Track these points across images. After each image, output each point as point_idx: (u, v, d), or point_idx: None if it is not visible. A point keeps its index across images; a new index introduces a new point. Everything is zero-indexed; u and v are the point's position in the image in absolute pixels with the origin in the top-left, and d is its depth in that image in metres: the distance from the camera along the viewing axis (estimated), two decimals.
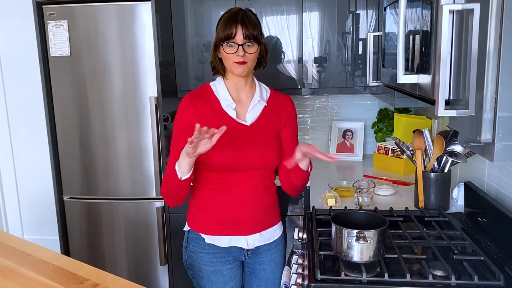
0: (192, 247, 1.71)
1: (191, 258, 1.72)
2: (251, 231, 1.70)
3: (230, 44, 1.59)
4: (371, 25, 2.22)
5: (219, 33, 1.60)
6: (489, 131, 0.88)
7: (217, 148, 1.51)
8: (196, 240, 1.70)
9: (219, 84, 1.68)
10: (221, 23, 1.61)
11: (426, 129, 1.86)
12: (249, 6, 2.67)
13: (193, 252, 1.70)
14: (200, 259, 1.69)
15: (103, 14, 2.52)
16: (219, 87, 1.67)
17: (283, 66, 2.73)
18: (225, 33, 1.58)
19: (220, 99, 1.65)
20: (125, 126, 2.61)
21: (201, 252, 1.69)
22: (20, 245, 1.51)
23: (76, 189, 2.73)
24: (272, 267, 1.78)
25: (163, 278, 2.76)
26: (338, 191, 2.12)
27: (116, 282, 1.26)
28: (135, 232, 2.71)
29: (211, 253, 1.68)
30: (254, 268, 1.78)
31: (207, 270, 1.69)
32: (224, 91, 1.66)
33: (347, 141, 2.99)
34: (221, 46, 1.60)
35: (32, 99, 3.07)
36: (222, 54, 1.62)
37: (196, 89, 1.72)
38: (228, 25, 1.58)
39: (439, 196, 1.85)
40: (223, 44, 1.59)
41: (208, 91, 1.68)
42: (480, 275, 1.29)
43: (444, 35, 0.91)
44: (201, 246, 1.69)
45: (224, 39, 1.58)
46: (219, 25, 1.62)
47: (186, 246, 1.74)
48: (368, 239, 1.33)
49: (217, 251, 1.68)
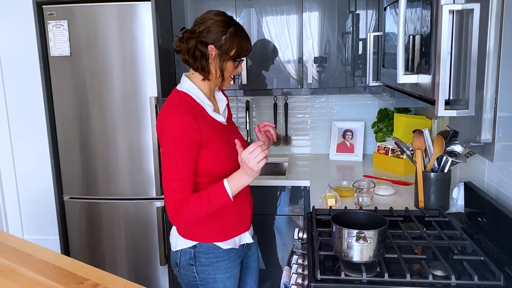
0: (205, 260, 1.62)
1: (204, 272, 1.62)
2: (250, 224, 1.74)
3: (241, 60, 1.61)
4: (371, 25, 2.22)
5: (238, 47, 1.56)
6: (489, 131, 0.88)
7: (223, 155, 1.55)
8: (209, 251, 1.61)
9: (194, 89, 1.60)
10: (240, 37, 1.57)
11: (426, 129, 1.86)
12: (249, 6, 2.68)
13: (207, 265, 1.62)
14: (217, 269, 1.62)
15: (103, 14, 2.52)
16: (197, 93, 1.59)
17: (283, 66, 2.73)
18: (245, 50, 1.59)
19: (204, 105, 1.59)
20: (125, 126, 2.61)
21: (217, 262, 1.62)
22: (20, 245, 1.51)
23: (76, 189, 2.73)
24: (257, 256, 1.86)
25: (163, 278, 2.76)
26: (338, 191, 2.12)
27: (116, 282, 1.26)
28: (135, 232, 2.71)
29: (226, 259, 1.64)
30: (247, 262, 1.80)
31: (223, 278, 1.64)
32: (202, 96, 1.60)
33: (347, 141, 2.99)
34: (236, 61, 1.59)
35: (32, 99, 3.08)
36: (229, 67, 1.58)
37: (175, 98, 1.58)
38: (248, 43, 1.60)
39: (439, 196, 1.85)
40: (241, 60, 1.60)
41: (189, 98, 1.58)
42: (480, 275, 1.30)
43: (444, 35, 0.91)
44: (216, 256, 1.62)
45: (241, 55, 1.59)
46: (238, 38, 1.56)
47: (194, 262, 1.62)
48: (368, 239, 1.33)
49: (230, 255, 1.65)
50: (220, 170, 1.57)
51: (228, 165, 1.58)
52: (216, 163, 1.56)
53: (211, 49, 1.55)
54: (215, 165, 1.56)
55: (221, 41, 1.54)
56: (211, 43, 1.54)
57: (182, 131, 1.48)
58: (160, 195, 2.64)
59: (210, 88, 1.64)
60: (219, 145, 1.56)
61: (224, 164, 1.57)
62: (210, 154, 1.54)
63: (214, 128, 1.58)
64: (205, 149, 1.53)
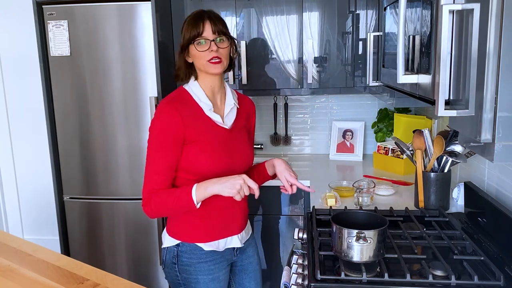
0: (186, 259, 1.60)
1: (185, 272, 1.61)
2: (241, 228, 1.70)
3: (200, 42, 1.54)
4: (371, 25, 2.22)
5: (186, 34, 1.56)
6: (489, 131, 0.88)
7: (208, 155, 1.53)
8: (191, 251, 1.60)
9: (195, 87, 1.60)
10: (186, 24, 1.57)
11: (426, 129, 1.86)
12: (249, 6, 2.68)
13: (188, 265, 1.60)
14: (198, 270, 1.60)
15: (103, 14, 2.52)
16: (196, 91, 1.59)
17: (283, 66, 2.73)
18: (193, 32, 1.54)
19: (200, 104, 1.57)
20: (125, 126, 2.61)
21: (198, 263, 1.60)
22: (20, 245, 1.51)
23: (76, 189, 2.73)
24: (256, 259, 1.81)
25: (163, 278, 2.75)
26: (338, 191, 2.12)
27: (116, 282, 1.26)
28: (135, 232, 2.71)
29: (208, 261, 1.61)
30: (243, 265, 1.76)
31: (205, 280, 1.61)
32: (202, 94, 1.58)
33: (347, 141, 2.99)
34: (192, 46, 1.55)
35: (32, 99, 3.07)
36: (193, 54, 1.56)
37: (173, 94, 1.61)
38: (195, 24, 1.55)
39: (439, 196, 1.85)
40: (194, 42, 1.54)
41: (186, 95, 1.59)
42: (480, 275, 1.29)
43: (444, 35, 0.91)
44: (198, 257, 1.60)
45: (193, 38, 1.54)
46: (184, 27, 1.57)
47: (177, 261, 1.61)
48: (368, 239, 1.33)
49: (214, 257, 1.62)
50: (203, 169, 1.54)
51: (213, 166, 1.55)
52: (199, 161, 1.54)
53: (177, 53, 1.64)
54: (198, 163, 1.54)
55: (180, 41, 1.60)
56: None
57: (163, 125, 1.51)
58: None
59: (211, 86, 1.61)
60: (208, 144, 1.55)
61: (209, 165, 1.55)
62: (195, 151, 1.53)
63: (209, 127, 1.57)
64: (190, 145, 1.53)
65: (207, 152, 1.54)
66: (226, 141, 1.60)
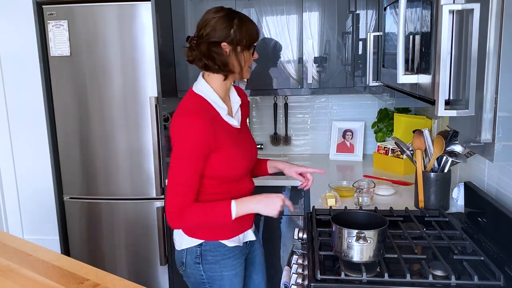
0: (212, 257, 1.63)
1: (211, 270, 1.64)
2: (252, 222, 1.76)
3: (254, 46, 1.61)
4: (371, 25, 2.22)
5: (248, 36, 1.55)
6: (489, 131, 0.88)
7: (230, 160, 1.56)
8: (215, 249, 1.63)
9: (210, 93, 1.58)
10: (247, 24, 1.56)
11: (426, 129, 1.86)
12: (249, 6, 2.68)
13: (214, 263, 1.64)
14: (223, 266, 1.64)
15: (103, 14, 2.52)
16: (212, 97, 1.58)
17: (283, 66, 2.73)
18: (256, 37, 1.58)
19: (219, 110, 1.58)
20: (125, 126, 2.61)
21: (223, 259, 1.64)
22: (20, 245, 1.51)
23: (76, 189, 2.73)
24: (261, 251, 1.87)
25: (163, 278, 2.75)
26: (338, 191, 2.12)
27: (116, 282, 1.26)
28: (135, 232, 2.71)
29: (231, 256, 1.66)
30: (250, 258, 1.81)
31: (229, 275, 1.65)
32: (217, 99, 1.58)
33: (347, 141, 2.99)
34: (249, 49, 1.58)
35: (32, 99, 3.07)
36: (246, 57, 1.58)
37: (192, 103, 1.57)
38: (257, 30, 1.59)
39: (439, 196, 1.85)
40: (253, 47, 1.59)
41: (205, 103, 1.57)
42: (480, 275, 1.29)
43: (444, 35, 0.91)
44: (222, 253, 1.64)
45: (254, 41, 1.58)
46: (244, 27, 1.55)
47: (201, 260, 1.64)
48: (368, 239, 1.33)
49: (235, 253, 1.67)
50: (227, 173, 1.58)
51: (236, 169, 1.60)
52: (224, 167, 1.56)
53: (225, 46, 1.54)
54: (224, 169, 1.57)
55: (231, 35, 1.53)
56: (222, 41, 1.54)
57: (196, 138, 1.49)
58: (160, 195, 2.64)
59: (227, 87, 1.63)
60: (229, 149, 1.57)
61: (233, 168, 1.59)
62: (220, 158, 1.55)
63: (227, 132, 1.58)
64: (216, 153, 1.54)
65: (228, 157, 1.57)
66: (239, 142, 1.63)
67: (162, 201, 2.65)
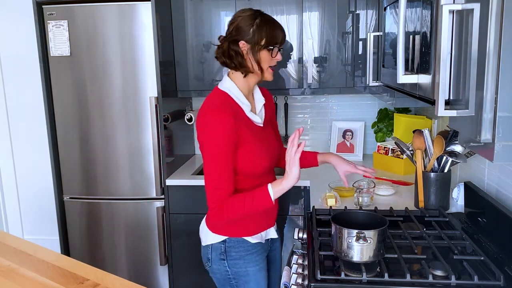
0: (236, 253, 1.67)
1: (235, 266, 1.68)
2: (275, 220, 1.80)
3: (280, 49, 1.63)
4: (371, 25, 2.22)
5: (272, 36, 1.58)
6: (489, 131, 0.88)
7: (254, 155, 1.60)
8: (239, 245, 1.67)
9: (234, 89, 1.63)
10: (269, 24, 1.59)
11: (426, 129, 1.86)
12: (249, 6, 2.67)
13: (238, 258, 1.67)
14: (247, 262, 1.68)
15: (103, 14, 2.52)
16: (236, 93, 1.63)
17: (283, 66, 2.73)
18: (277, 38, 1.60)
19: (242, 106, 1.63)
20: (125, 126, 2.61)
21: (247, 255, 1.68)
22: (20, 245, 1.51)
23: (76, 189, 2.73)
24: (279, 248, 1.94)
25: (163, 278, 2.76)
26: (338, 191, 2.12)
27: (116, 282, 1.26)
28: (135, 232, 2.71)
29: (254, 252, 1.70)
30: (271, 256, 1.87)
31: (254, 271, 1.69)
32: (241, 96, 1.63)
33: (347, 141, 2.99)
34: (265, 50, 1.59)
35: (32, 99, 3.08)
36: (265, 57, 1.60)
37: (217, 100, 1.61)
38: (278, 30, 1.61)
39: (439, 196, 1.85)
40: (273, 48, 1.60)
41: (231, 100, 1.62)
42: (480, 275, 1.29)
43: (444, 35, 0.91)
44: (245, 249, 1.67)
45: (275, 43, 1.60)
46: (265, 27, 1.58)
47: (225, 257, 1.67)
48: (368, 239, 1.33)
49: (258, 249, 1.71)
50: (252, 169, 1.62)
51: (260, 165, 1.63)
52: (248, 162, 1.60)
53: (243, 45, 1.59)
54: (248, 163, 1.60)
55: (250, 34, 1.58)
56: (241, 39, 1.58)
57: (224, 131, 1.53)
58: (160, 195, 2.64)
59: (250, 86, 1.67)
60: (253, 145, 1.60)
61: (256, 164, 1.62)
62: (244, 153, 1.59)
63: (250, 128, 1.62)
64: (239, 148, 1.57)
65: (253, 152, 1.61)
66: (263, 139, 1.67)
67: (162, 201, 2.65)
